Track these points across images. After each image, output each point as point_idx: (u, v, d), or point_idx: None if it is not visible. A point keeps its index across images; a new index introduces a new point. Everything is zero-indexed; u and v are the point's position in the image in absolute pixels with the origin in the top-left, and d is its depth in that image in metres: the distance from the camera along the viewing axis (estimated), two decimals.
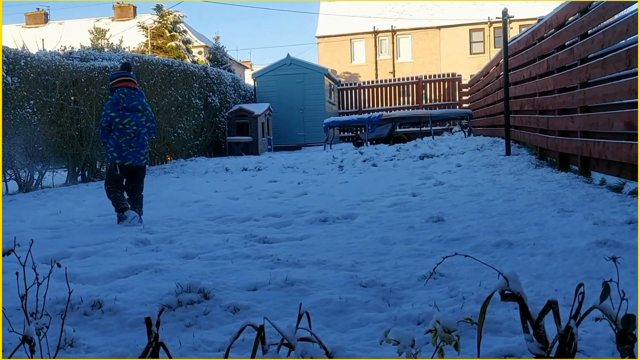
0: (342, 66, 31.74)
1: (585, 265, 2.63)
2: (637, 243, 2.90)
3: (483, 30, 30.87)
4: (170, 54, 25.03)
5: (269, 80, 18.46)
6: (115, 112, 4.94)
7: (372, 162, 9.72)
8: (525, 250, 3.01)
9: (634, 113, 4.25)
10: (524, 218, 3.92)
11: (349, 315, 2.17)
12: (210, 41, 33.23)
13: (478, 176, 6.86)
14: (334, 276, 2.69)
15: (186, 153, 13.58)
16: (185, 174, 10.38)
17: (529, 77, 8.01)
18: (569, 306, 1.59)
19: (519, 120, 8.93)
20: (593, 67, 5.16)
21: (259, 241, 3.75)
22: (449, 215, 4.21)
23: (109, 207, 6.00)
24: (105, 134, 5.04)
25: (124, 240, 3.92)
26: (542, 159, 7.62)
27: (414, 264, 2.84)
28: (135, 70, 11.47)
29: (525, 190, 5.25)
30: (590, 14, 5.23)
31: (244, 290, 2.54)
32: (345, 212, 4.75)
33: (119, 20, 38.65)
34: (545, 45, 7.01)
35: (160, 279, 2.80)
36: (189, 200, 6.28)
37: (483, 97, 13.52)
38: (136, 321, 2.21)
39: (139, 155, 5.01)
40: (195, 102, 14.16)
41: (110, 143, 4.99)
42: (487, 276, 2.48)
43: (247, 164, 10.78)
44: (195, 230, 4.31)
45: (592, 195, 4.55)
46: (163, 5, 27.34)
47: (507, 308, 2.03)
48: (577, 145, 5.73)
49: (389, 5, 33.46)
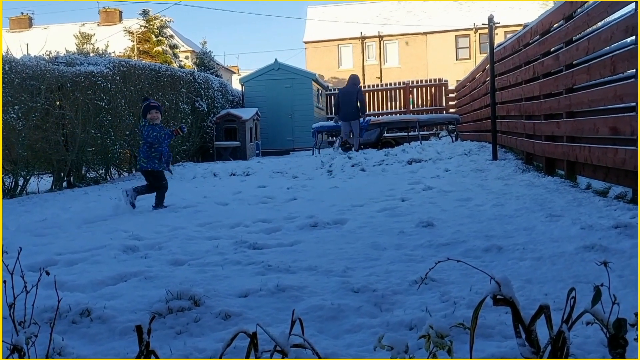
0: (329, 71, 31.85)
1: (573, 270, 2.65)
2: (623, 247, 2.94)
3: (469, 37, 31.19)
4: (157, 58, 24.93)
5: (257, 85, 18.46)
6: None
7: (361, 167, 9.74)
8: (514, 254, 3.03)
9: (619, 118, 4.32)
10: (513, 223, 3.95)
11: (341, 321, 2.16)
12: (197, 46, 33.14)
13: (466, 181, 6.91)
14: (325, 282, 2.69)
15: (174, 158, 13.52)
16: (173, 180, 10.30)
17: (515, 82, 8.09)
18: (559, 310, 1.60)
19: (505, 125, 9.02)
20: (578, 73, 5.23)
21: (249, 247, 3.73)
22: (439, 220, 4.23)
23: (95, 214, 5.96)
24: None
25: (112, 247, 3.88)
26: (529, 164, 7.69)
27: (405, 269, 2.85)
28: (122, 75, 11.41)
29: (514, 195, 5.30)
30: (575, 21, 5.31)
31: (235, 297, 2.53)
32: (336, 217, 4.75)
33: (104, 25, 38.43)
34: (531, 51, 7.09)
35: (150, 286, 2.78)
36: (178, 206, 6.24)
37: (470, 103, 13.63)
38: (126, 329, 2.19)
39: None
40: (182, 107, 14.11)
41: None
42: (478, 281, 2.49)
43: (236, 169, 10.75)
44: (185, 236, 4.28)
45: (578, 200, 4.60)
46: (150, 10, 27.26)
47: (498, 313, 2.04)
48: (563, 150, 5.80)
49: (377, 11, 33.69)
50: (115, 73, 11.18)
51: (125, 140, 11.48)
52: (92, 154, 10.55)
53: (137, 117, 12.00)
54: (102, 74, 10.65)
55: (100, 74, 10.58)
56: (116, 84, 11.10)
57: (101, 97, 10.55)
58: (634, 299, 2.15)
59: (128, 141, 11.64)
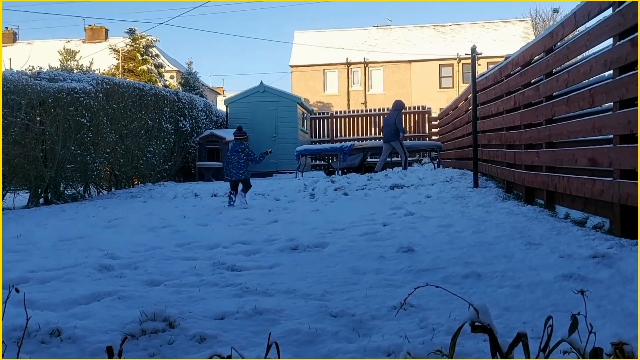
0: (315, 95, 32.08)
1: (552, 298, 2.66)
2: (601, 277, 2.96)
3: (452, 66, 31.75)
4: (141, 77, 24.89)
5: (241, 106, 18.48)
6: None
7: (344, 191, 9.75)
8: (493, 282, 3.03)
9: (597, 150, 4.39)
10: (493, 250, 3.97)
11: (318, 346, 2.13)
12: (182, 66, 33.21)
13: (447, 207, 6.95)
14: (303, 305, 2.65)
15: (155, 177, 13.39)
16: (153, 199, 10.21)
17: (497, 112, 8.22)
18: (537, 338, 1.60)
19: (486, 154, 9.13)
20: (558, 105, 5.34)
21: (227, 269, 3.68)
22: (419, 245, 4.23)
23: (71, 231, 5.85)
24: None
25: (87, 265, 3.80)
26: (509, 192, 7.77)
27: (384, 294, 2.83)
28: (105, 92, 11.35)
29: (493, 222, 5.33)
30: (556, 54, 5.44)
31: (211, 319, 2.48)
32: (316, 240, 4.72)
33: (90, 42, 38.32)
34: (513, 82, 7.23)
35: (124, 306, 2.71)
36: (156, 226, 6.16)
37: (452, 130, 13.80)
38: (97, 350, 2.13)
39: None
40: (166, 126, 14.05)
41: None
42: (457, 307, 2.48)
43: (217, 190, 10.68)
44: (162, 256, 4.21)
45: (557, 229, 4.64)
46: (136, 29, 27.30)
47: (476, 340, 2.02)
48: (542, 179, 5.87)
49: (362, 38, 34.19)
50: (99, 90, 11.12)
51: (105, 158, 11.36)
52: (71, 171, 10.42)
53: (120, 135, 11.91)
54: (85, 91, 10.58)
55: (82, 91, 10.51)
56: (99, 101, 11.04)
57: (83, 114, 10.47)
58: (611, 328, 2.16)
59: (109, 159, 11.53)
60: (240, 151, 8.52)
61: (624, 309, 2.41)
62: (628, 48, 3.79)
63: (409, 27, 35.12)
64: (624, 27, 3.87)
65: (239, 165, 8.45)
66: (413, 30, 34.54)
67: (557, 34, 5.45)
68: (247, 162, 8.49)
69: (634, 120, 3.74)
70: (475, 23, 34.41)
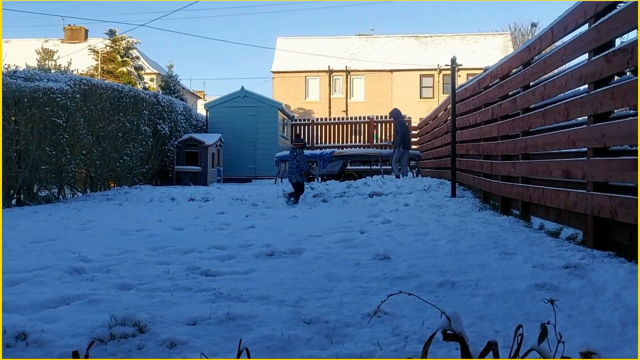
0: (296, 102, 32.10)
1: (524, 308, 2.68)
2: (573, 287, 3.00)
3: (433, 76, 32.09)
4: (121, 79, 24.63)
5: (222, 111, 18.40)
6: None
7: (322, 197, 9.75)
8: (467, 290, 3.05)
9: (572, 162, 4.47)
10: (467, 259, 3.99)
11: (290, 353, 2.11)
12: (163, 69, 32.94)
13: (424, 216, 6.99)
14: (277, 312, 2.63)
15: (131, 180, 13.22)
16: (128, 202, 10.07)
17: (475, 123, 8.32)
18: (508, 347, 1.60)
19: (464, 164, 9.22)
20: (534, 117, 5.42)
21: (201, 274, 3.64)
22: (395, 253, 4.24)
23: (43, 233, 5.73)
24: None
25: (58, 268, 3.72)
26: (486, 202, 7.85)
27: (359, 302, 2.82)
28: (82, 93, 11.19)
29: (469, 231, 5.37)
30: (533, 67, 5.53)
31: (182, 325, 2.44)
32: (293, 246, 4.70)
33: (69, 42, 37.77)
34: (491, 94, 7.32)
35: (94, 310, 2.66)
36: (131, 229, 6.07)
37: (431, 140, 13.92)
38: (64, 354, 2.07)
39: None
40: (144, 129, 13.90)
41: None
42: (431, 315, 2.48)
43: (195, 194, 10.58)
44: (135, 260, 4.15)
45: (531, 239, 4.70)
46: (116, 30, 27.02)
47: (448, 348, 2.03)
48: (518, 190, 5.95)
49: (344, 46, 34.37)
50: (76, 91, 10.96)
51: (81, 160, 11.18)
52: (45, 172, 10.22)
53: (96, 137, 11.75)
54: (62, 91, 10.41)
55: (59, 91, 10.34)
56: (76, 102, 10.87)
57: (59, 114, 10.29)
58: (581, 338, 2.18)
59: (84, 160, 11.34)
60: (294, 157, 9.65)
61: (595, 320, 2.44)
62: (602, 63, 3.87)
63: (391, 36, 35.42)
64: (599, 42, 3.95)
65: (292, 170, 9.63)
66: (395, 40, 34.84)
67: (534, 47, 5.55)
68: (300, 167, 9.54)
69: (607, 134, 3.81)
70: (455, 35, 34.87)
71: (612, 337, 2.22)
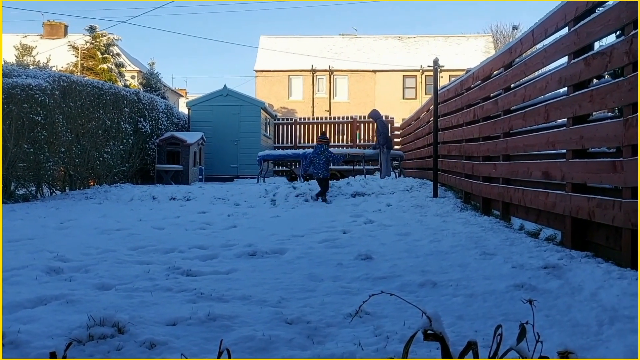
0: (279, 101, 32.02)
1: (503, 307, 2.71)
2: (551, 287, 3.04)
3: (415, 77, 32.27)
4: (101, 76, 24.31)
5: (204, 109, 18.27)
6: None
7: (305, 197, 9.74)
8: (448, 290, 3.07)
9: (551, 164, 4.53)
10: (448, 259, 4.02)
11: (271, 353, 2.10)
12: (144, 66, 32.63)
13: (406, 216, 7.02)
14: (258, 312, 2.62)
15: (111, 179, 13.06)
16: (108, 201, 9.95)
17: (457, 124, 8.39)
18: (487, 347, 1.62)
19: (446, 165, 9.29)
20: (515, 119, 5.48)
21: (182, 274, 3.61)
22: (377, 253, 4.25)
23: (20, 232, 5.63)
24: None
25: (35, 267, 3.66)
26: (467, 203, 7.92)
27: (341, 302, 2.82)
28: (62, 90, 11.03)
29: (450, 232, 5.41)
30: (514, 69, 5.59)
31: (162, 325, 2.42)
32: (275, 246, 4.69)
33: (48, 38, 37.17)
34: (472, 95, 7.39)
35: (72, 311, 2.62)
36: (111, 229, 6.00)
37: (414, 141, 14.00)
38: (40, 355, 2.04)
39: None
40: (124, 126, 13.74)
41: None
42: (412, 315, 2.50)
43: (176, 193, 10.50)
44: (115, 259, 4.10)
45: (511, 240, 4.75)
46: (97, 27, 26.68)
47: (429, 348, 2.04)
48: (499, 191, 6.01)
49: (328, 46, 34.39)
50: (55, 87, 10.79)
51: (60, 158, 11.01)
52: (23, 170, 10.04)
53: (76, 134, 11.58)
54: (41, 88, 10.24)
55: (38, 88, 10.17)
56: (55, 98, 10.70)
57: (37, 111, 10.13)
58: (558, 337, 2.21)
59: (63, 158, 11.17)
60: (321, 153, 10.04)
61: (571, 319, 2.48)
62: (582, 66, 3.93)
63: (374, 37, 35.53)
64: (578, 46, 4.01)
65: (319, 165, 9.94)
66: (378, 40, 34.95)
67: (515, 50, 5.61)
68: (327, 163, 10.00)
69: (586, 136, 3.87)
70: (438, 36, 35.11)
71: (588, 336, 2.25)
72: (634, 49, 3.18)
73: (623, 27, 3.37)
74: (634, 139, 3.18)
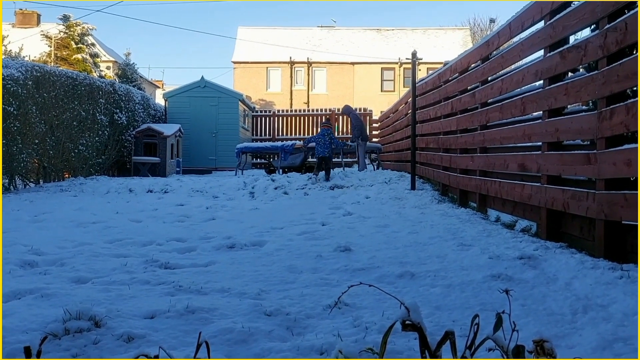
0: (257, 93, 31.83)
1: (480, 298, 2.75)
2: (527, 277, 3.09)
3: (394, 70, 32.36)
4: (75, 66, 23.83)
5: (181, 101, 18.07)
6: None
7: (284, 190, 9.72)
8: (426, 281, 3.10)
9: (527, 156, 4.59)
10: (426, 250, 4.06)
11: (251, 345, 2.10)
12: (120, 57, 32.07)
13: (385, 208, 7.06)
14: (237, 304, 2.61)
15: (87, 171, 12.85)
16: (84, 193, 9.79)
17: (435, 116, 8.45)
18: (465, 336, 1.64)
19: (424, 157, 9.36)
20: (492, 112, 5.54)
21: (160, 266, 3.58)
22: (356, 245, 4.27)
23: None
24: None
25: (8, 261, 3.58)
26: (445, 195, 8.00)
27: (320, 293, 2.83)
28: (34, 80, 10.78)
29: (428, 223, 5.46)
30: (491, 62, 5.64)
31: (140, 318, 2.39)
32: (254, 239, 4.68)
33: (20, 27, 36.24)
34: (450, 88, 7.45)
35: (47, 305, 2.57)
36: (87, 221, 5.91)
37: (392, 133, 14.07)
38: (14, 351, 2.00)
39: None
40: (100, 118, 13.52)
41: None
42: (390, 306, 2.52)
43: (153, 185, 10.38)
44: (91, 252, 4.04)
45: (488, 231, 4.82)
46: (71, 16, 26.11)
47: (407, 338, 2.06)
48: (476, 183, 6.08)
49: (306, 37, 34.25)
50: (28, 78, 10.54)
51: (34, 149, 10.78)
52: None
53: (50, 126, 11.35)
54: (13, 78, 10.00)
55: (10, 78, 9.93)
56: (28, 89, 10.46)
57: (10, 101, 9.88)
58: (534, 326, 2.25)
59: (37, 150, 10.94)
60: (326, 135, 11.13)
61: (547, 308, 2.53)
62: (557, 59, 3.98)
63: (353, 29, 35.50)
64: (554, 39, 4.07)
65: (324, 145, 11.01)
66: (357, 32, 34.94)
67: (492, 43, 5.66)
68: (331, 144, 11.10)
69: (561, 128, 3.93)
70: (417, 29, 35.24)
71: (563, 324, 2.30)
72: (608, 43, 3.24)
73: (598, 20, 3.43)
74: (607, 132, 3.25)
